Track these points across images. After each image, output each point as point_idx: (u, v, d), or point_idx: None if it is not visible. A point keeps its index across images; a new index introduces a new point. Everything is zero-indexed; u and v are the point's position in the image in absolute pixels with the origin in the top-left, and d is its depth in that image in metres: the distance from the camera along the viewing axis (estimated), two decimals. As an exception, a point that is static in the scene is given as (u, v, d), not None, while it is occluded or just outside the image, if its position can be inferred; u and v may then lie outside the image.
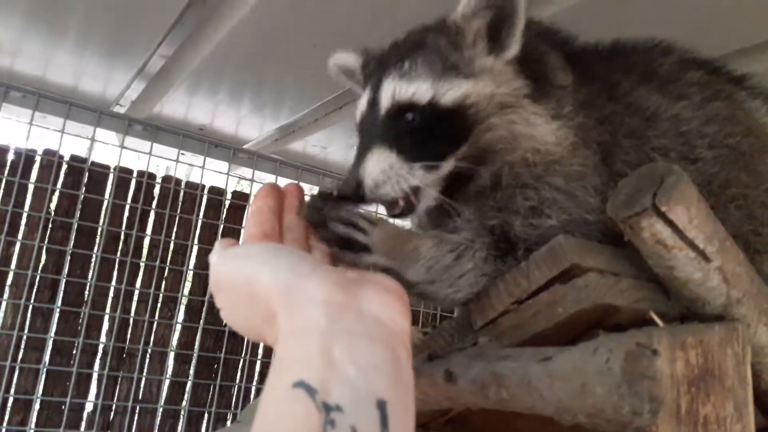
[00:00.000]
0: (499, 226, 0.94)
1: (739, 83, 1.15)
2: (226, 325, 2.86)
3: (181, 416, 2.93)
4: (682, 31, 1.14)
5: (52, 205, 2.74)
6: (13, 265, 2.63)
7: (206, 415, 2.98)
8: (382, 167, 0.93)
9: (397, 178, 0.93)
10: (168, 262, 2.94)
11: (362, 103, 1.05)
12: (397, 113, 0.97)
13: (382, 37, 1.14)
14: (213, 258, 0.79)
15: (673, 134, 1.01)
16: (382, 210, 1.00)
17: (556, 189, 0.94)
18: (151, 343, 2.89)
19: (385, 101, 0.98)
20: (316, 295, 0.65)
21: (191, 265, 3.00)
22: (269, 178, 3.27)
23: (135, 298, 2.89)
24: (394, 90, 0.98)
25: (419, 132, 0.96)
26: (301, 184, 3.26)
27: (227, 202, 3.13)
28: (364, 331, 0.63)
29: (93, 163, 2.85)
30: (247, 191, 3.25)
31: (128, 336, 2.86)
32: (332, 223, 0.87)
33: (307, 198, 0.94)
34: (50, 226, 2.73)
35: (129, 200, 2.90)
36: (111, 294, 2.82)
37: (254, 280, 0.70)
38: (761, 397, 0.88)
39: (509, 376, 0.72)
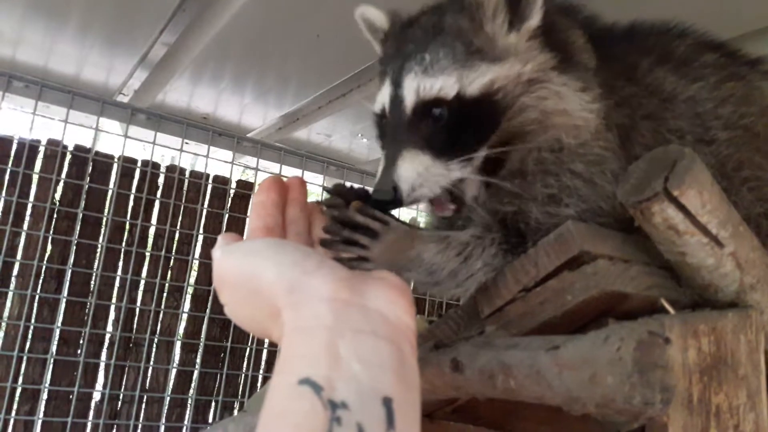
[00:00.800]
0: (512, 214, 0.92)
1: (754, 65, 1.12)
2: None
3: (188, 405, 2.93)
4: (695, 13, 1.12)
5: (57, 195, 2.74)
6: (18, 256, 2.63)
7: (213, 404, 2.99)
8: (418, 170, 0.90)
9: (435, 178, 0.90)
10: (173, 251, 2.94)
11: (383, 98, 1.00)
12: (423, 110, 0.94)
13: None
14: (216, 253, 0.78)
15: (689, 116, 1.00)
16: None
17: (577, 176, 0.91)
18: (158, 333, 2.89)
19: (410, 99, 0.94)
20: (322, 292, 0.65)
21: (197, 255, 3.00)
22: (273, 166, 3.26)
23: (141, 287, 2.89)
24: (418, 87, 0.93)
25: (449, 127, 0.92)
26: (306, 172, 3.28)
27: (232, 191, 3.12)
28: (370, 328, 0.63)
29: (97, 153, 2.84)
30: (251, 180, 3.24)
31: (135, 326, 2.86)
32: (334, 229, 0.85)
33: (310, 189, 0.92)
34: (55, 216, 2.72)
35: (134, 190, 2.89)
36: (117, 284, 2.82)
37: (258, 277, 0.70)
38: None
39: (517, 365, 0.70)
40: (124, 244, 2.84)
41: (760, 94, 1.06)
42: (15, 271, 2.63)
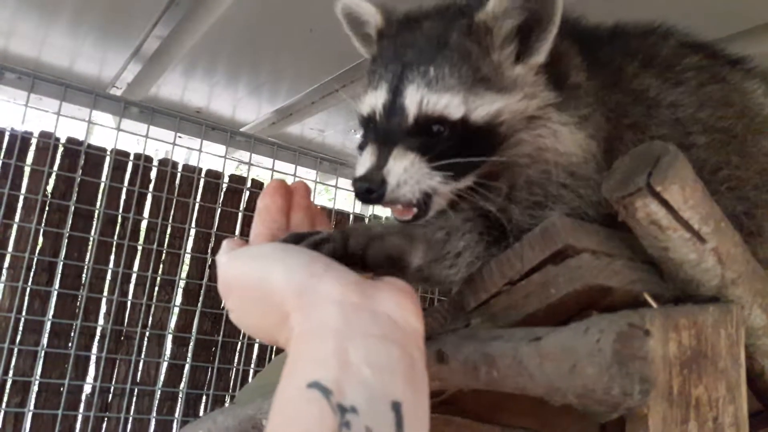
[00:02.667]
0: (495, 211, 0.92)
1: (735, 65, 1.13)
2: (223, 308, 2.86)
3: (179, 399, 2.94)
4: (683, 14, 1.13)
5: (49, 188, 2.74)
6: (10, 248, 2.63)
7: (204, 398, 2.99)
8: (405, 166, 0.89)
9: (418, 179, 0.89)
10: (165, 245, 2.94)
11: (374, 102, 0.98)
12: (423, 124, 0.92)
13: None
14: (222, 258, 0.77)
15: (671, 122, 0.99)
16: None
17: (563, 186, 0.91)
18: (149, 326, 2.90)
19: (412, 110, 0.92)
20: (331, 295, 0.65)
21: (188, 249, 3.00)
22: (266, 161, 3.26)
23: (132, 281, 2.89)
24: (422, 101, 0.92)
25: (445, 145, 0.91)
26: (299, 167, 3.29)
27: (224, 186, 3.12)
28: (379, 331, 0.63)
29: (89, 146, 2.84)
30: (245, 175, 3.24)
31: (126, 319, 2.86)
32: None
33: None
34: (47, 208, 2.72)
35: (126, 183, 2.89)
36: (108, 277, 2.83)
37: (267, 280, 0.69)
38: (755, 380, 0.88)
39: (500, 356, 0.71)
40: (116, 237, 2.84)
41: (740, 95, 1.06)
42: (6, 263, 2.63)
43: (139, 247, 2.91)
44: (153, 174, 2.97)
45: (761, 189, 1.00)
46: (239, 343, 3.08)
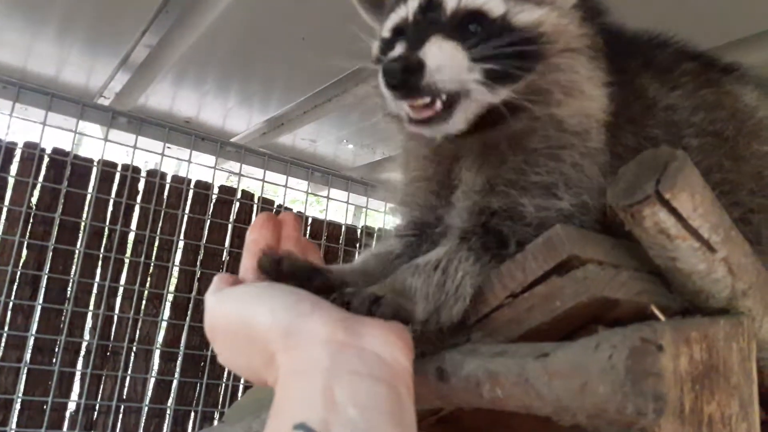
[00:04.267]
0: (502, 210, 0.88)
1: (728, 71, 1.12)
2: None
3: (167, 415, 2.88)
4: (676, 22, 1.11)
5: (34, 200, 2.68)
6: (-8, 261, 2.57)
7: (193, 414, 2.93)
8: (447, 50, 0.82)
9: (458, 67, 0.82)
10: (153, 257, 2.89)
11: (404, 11, 0.92)
12: (461, 21, 0.87)
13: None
14: (209, 299, 0.78)
15: (666, 124, 0.98)
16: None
17: (572, 165, 0.88)
18: (136, 341, 2.84)
19: (450, 3, 0.87)
20: (318, 335, 0.65)
21: (177, 261, 2.95)
22: (257, 172, 3.22)
23: (119, 294, 2.84)
24: None
25: (484, 44, 0.84)
26: (290, 178, 3.25)
27: (214, 197, 3.07)
28: (366, 370, 0.63)
29: (76, 157, 2.79)
30: (235, 186, 3.19)
31: (112, 333, 2.80)
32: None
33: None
34: (31, 220, 2.67)
35: (113, 194, 2.84)
36: (95, 290, 2.77)
37: (252, 323, 0.70)
38: (765, 395, 0.85)
39: (504, 373, 0.67)
40: (102, 249, 2.79)
41: (731, 98, 1.05)
42: (-12, 277, 2.56)
43: (127, 260, 2.85)
44: (141, 185, 2.92)
45: (757, 194, 0.98)
46: (228, 358, 3.02)
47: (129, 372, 2.81)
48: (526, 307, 0.79)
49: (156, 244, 2.91)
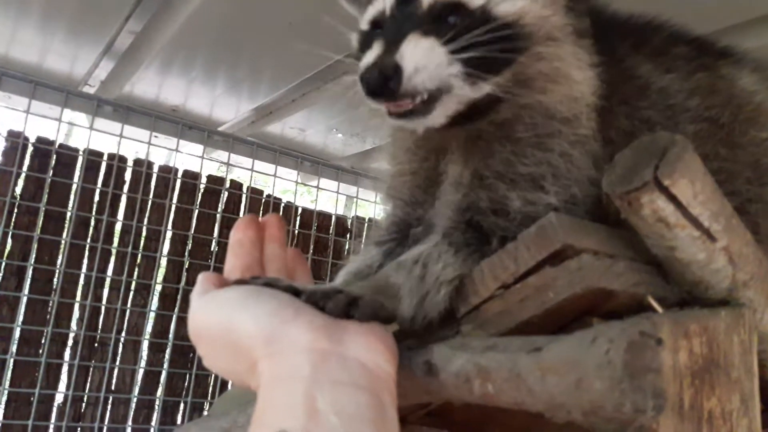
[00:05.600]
0: (487, 205, 0.85)
1: (722, 55, 1.09)
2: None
3: (156, 406, 2.85)
4: (672, 6, 1.08)
5: (18, 189, 2.63)
6: (-24, 252, 2.52)
7: (182, 405, 2.91)
8: (423, 47, 0.79)
9: (438, 64, 0.79)
10: (141, 248, 2.85)
11: (381, 4, 0.89)
12: (439, 13, 0.84)
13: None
14: (193, 303, 0.78)
15: (660, 107, 0.95)
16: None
17: (561, 154, 0.85)
18: (124, 332, 2.81)
19: None
20: (300, 342, 0.65)
21: (165, 252, 2.91)
22: (246, 161, 3.18)
23: (107, 285, 2.80)
24: None
25: (462, 39, 0.80)
26: (279, 167, 3.20)
27: (202, 187, 3.03)
28: (349, 378, 0.63)
29: (61, 146, 2.74)
30: (223, 175, 3.15)
31: (100, 324, 2.77)
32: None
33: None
34: (16, 210, 2.62)
35: (99, 184, 2.79)
36: (81, 281, 2.73)
37: (235, 329, 0.70)
38: (766, 389, 0.82)
39: (495, 368, 0.64)
40: (89, 240, 2.75)
41: (726, 84, 1.02)
42: (-28, 268, 2.52)
43: (114, 250, 2.81)
44: (128, 174, 2.87)
45: (754, 182, 0.94)
46: (218, 349, 2.99)
47: (117, 363, 2.78)
48: (518, 299, 0.76)
49: (143, 234, 2.87)
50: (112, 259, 2.81)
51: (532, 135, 0.86)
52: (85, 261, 2.74)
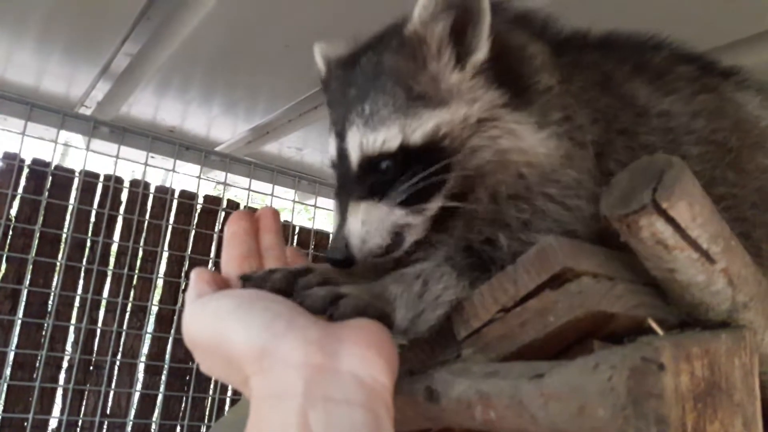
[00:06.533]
0: (479, 243, 0.86)
1: (726, 76, 1.09)
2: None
3: (152, 430, 2.81)
4: (672, 23, 1.09)
5: (13, 211, 2.62)
6: (-30, 275, 2.50)
7: (179, 429, 2.87)
8: (363, 219, 0.85)
9: (381, 226, 0.85)
10: (137, 269, 2.83)
11: (331, 151, 0.95)
12: (369, 165, 0.88)
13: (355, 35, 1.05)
14: (187, 306, 0.77)
15: (661, 131, 0.95)
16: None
17: (551, 199, 0.85)
18: (120, 355, 2.78)
19: (354, 155, 0.88)
20: (292, 358, 0.64)
21: (161, 273, 2.89)
22: (243, 181, 3.17)
23: (102, 307, 2.78)
24: (361, 142, 0.87)
25: (397, 179, 0.85)
26: (276, 187, 3.20)
27: (198, 207, 3.02)
28: (342, 395, 0.62)
29: (57, 167, 2.73)
30: (221, 195, 3.15)
31: (95, 347, 2.74)
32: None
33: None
34: (11, 233, 2.61)
35: (95, 205, 2.78)
36: (77, 303, 2.71)
37: (227, 342, 0.69)
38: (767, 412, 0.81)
39: (497, 395, 0.64)
40: (84, 261, 2.73)
41: (733, 107, 1.02)
42: (-33, 291, 2.50)
43: (109, 272, 2.80)
44: (124, 195, 2.87)
45: (760, 208, 0.94)
46: (215, 371, 2.96)
47: (113, 387, 2.75)
48: (519, 323, 0.76)
49: (140, 255, 2.85)
50: (108, 280, 2.79)
51: (513, 193, 0.87)
52: (81, 283, 2.72)
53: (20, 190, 2.64)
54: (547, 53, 0.94)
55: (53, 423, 2.64)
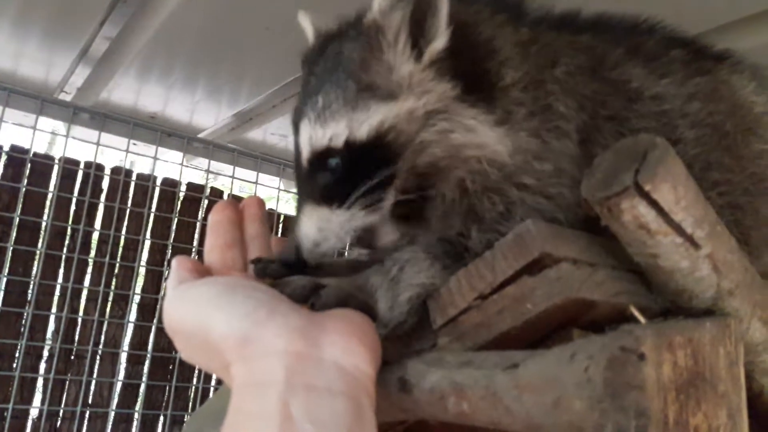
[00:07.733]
0: (455, 236, 0.82)
1: (720, 59, 1.06)
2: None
3: (135, 420, 2.79)
4: (664, 5, 1.06)
5: (-9, 199, 2.57)
6: (-53, 264, 2.45)
7: (162, 419, 2.84)
8: (318, 225, 0.82)
9: (339, 230, 0.82)
10: (118, 258, 2.79)
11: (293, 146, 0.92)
12: (318, 162, 0.84)
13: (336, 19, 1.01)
14: (168, 294, 0.77)
15: (655, 114, 0.92)
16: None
17: (526, 189, 0.81)
18: (102, 344, 2.75)
19: (305, 151, 0.85)
20: (274, 346, 0.64)
21: (143, 261, 2.85)
22: (226, 168, 3.13)
23: (83, 296, 2.74)
24: (311, 138, 0.83)
25: (346, 176, 0.82)
26: (261, 174, 3.16)
27: (181, 195, 2.98)
28: (324, 383, 0.62)
29: (35, 154, 2.67)
30: (203, 183, 3.10)
31: (76, 337, 2.71)
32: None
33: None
34: (-12, 221, 2.55)
35: (76, 193, 2.73)
36: (57, 292, 2.67)
37: (208, 329, 0.68)
38: (754, 401, 0.79)
39: (471, 386, 0.61)
40: (65, 250, 2.68)
41: (728, 89, 0.99)
42: (-57, 281, 2.45)
43: (90, 261, 2.75)
44: (105, 183, 2.81)
45: (752, 194, 0.92)
46: (199, 360, 2.93)
47: (94, 376, 2.72)
48: (496, 310, 0.73)
49: (121, 243, 2.81)
50: (89, 269, 2.75)
51: (484, 185, 0.83)
52: (61, 272, 2.68)
53: (-2, 178, 2.58)
54: (519, 44, 0.89)
55: (34, 413, 2.61)
